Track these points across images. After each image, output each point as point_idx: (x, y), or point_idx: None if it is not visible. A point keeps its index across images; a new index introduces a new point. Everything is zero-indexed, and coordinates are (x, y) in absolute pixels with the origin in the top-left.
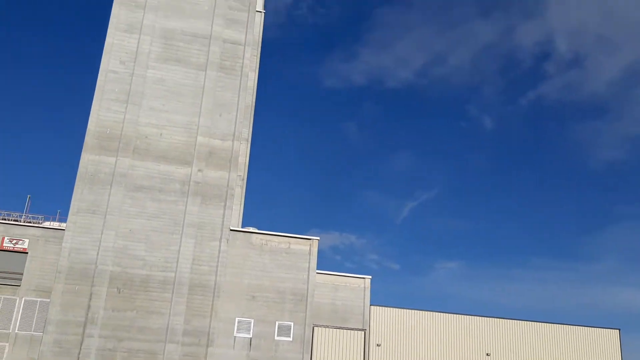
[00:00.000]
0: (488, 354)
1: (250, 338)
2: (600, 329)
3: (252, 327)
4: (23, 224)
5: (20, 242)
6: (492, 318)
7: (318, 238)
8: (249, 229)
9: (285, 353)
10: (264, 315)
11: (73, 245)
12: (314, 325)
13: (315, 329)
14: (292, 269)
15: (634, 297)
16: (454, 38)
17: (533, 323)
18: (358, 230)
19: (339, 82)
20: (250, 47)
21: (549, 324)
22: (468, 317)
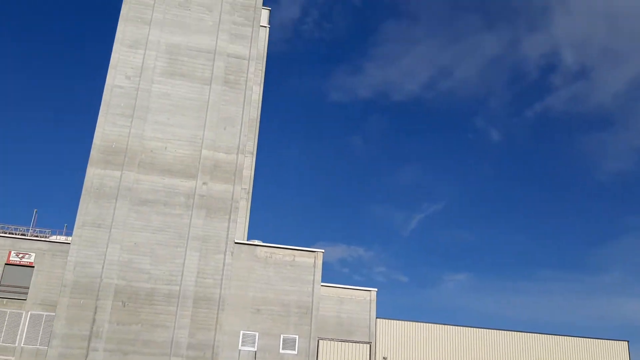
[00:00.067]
0: None
1: (255, 351)
2: (609, 341)
3: (256, 340)
4: (29, 238)
5: (27, 256)
6: (499, 330)
7: (323, 250)
8: (254, 242)
9: None
10: (269, 329)
11: (78, 259)
12: (319, 338)
13: (321, 342)
14: (296, 282)
15: None
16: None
17: (542, 335)
18: (365, 243)
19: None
20: (255, 61)
21: (558, 336)
22: (474, 329)
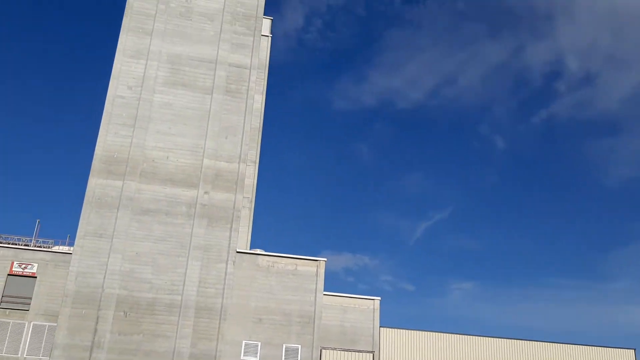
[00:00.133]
0: None
1: None
2: (615, 349)
3: (259, 350)
4: (31, 249)
5: (29, 266)
6: (506, 339)
7: (325, 259)
8: (256, 251)
9: None
10: (271, 338)
11: (80, 269)
12: (322, 348)
13: (323, 352)
14: (299, 291)
15: None
16: (464, 59)
17: (547, 344)
18: (371, 252)
19: (350, 103)
20: (256, 70)
21: (564, 345)
22: (480, 338)
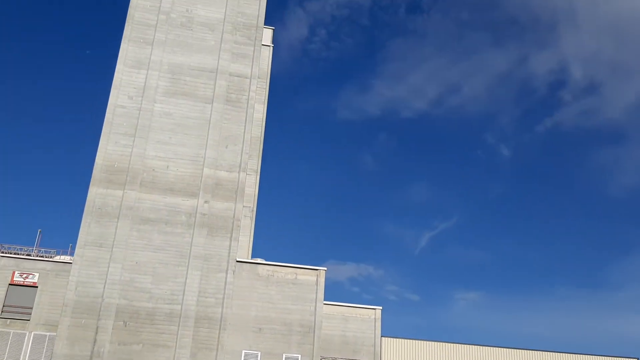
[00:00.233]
0: None
1: None
2: (619, 359)
3: (259, 359)
4: (33, 258)
5: (30, 276)
6: (509, 348)
7: (325, 268)
8: (256, 260)
9: None
10: (271, 348)
11: (80, 279)
12: (323, 357)
13: None
14: (299, 300)
15: None
16: (468, 68)
17: (552, 354)
18: (375, 261)
19: (354, 113)
20: (257, 80)
21: (569, 354)
22: (482, 347)
